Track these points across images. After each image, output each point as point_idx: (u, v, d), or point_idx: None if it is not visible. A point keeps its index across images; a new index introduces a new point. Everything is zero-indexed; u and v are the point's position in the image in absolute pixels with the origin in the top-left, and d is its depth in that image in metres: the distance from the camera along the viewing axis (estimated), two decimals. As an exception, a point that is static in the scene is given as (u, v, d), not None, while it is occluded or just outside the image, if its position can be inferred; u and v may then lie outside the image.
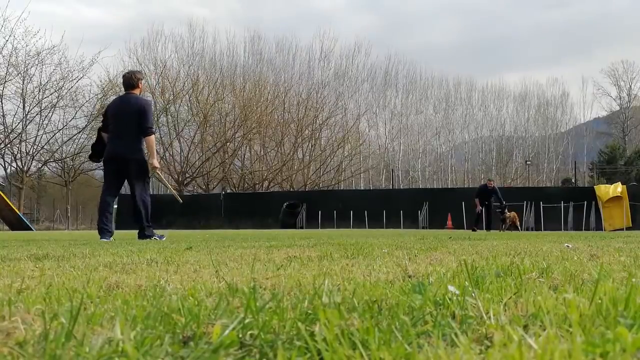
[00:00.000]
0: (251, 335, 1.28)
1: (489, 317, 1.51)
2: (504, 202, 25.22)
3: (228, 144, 55.61)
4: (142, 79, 10.58)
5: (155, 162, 10.57)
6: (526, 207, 35.38)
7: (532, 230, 32.42)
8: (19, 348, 1.19)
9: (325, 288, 1.66)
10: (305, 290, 2.09)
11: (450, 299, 1.71)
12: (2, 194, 39.78)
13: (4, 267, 3.43)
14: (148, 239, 9.90)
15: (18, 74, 49.33)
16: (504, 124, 72.09)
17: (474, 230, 23.24)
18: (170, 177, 53.92)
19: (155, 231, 10.65)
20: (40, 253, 5.07)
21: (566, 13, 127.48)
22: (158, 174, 11.16)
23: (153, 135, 10.40)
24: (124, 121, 10.21)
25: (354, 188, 60.48)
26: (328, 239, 9.43)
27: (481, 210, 24.93)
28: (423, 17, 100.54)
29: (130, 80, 10.34)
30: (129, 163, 10.26)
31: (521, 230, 27.96)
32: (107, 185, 10.67)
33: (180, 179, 52.61)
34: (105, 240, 9.48)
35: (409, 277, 2.59)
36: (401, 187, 60.16)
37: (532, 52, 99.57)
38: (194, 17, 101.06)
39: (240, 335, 1.27)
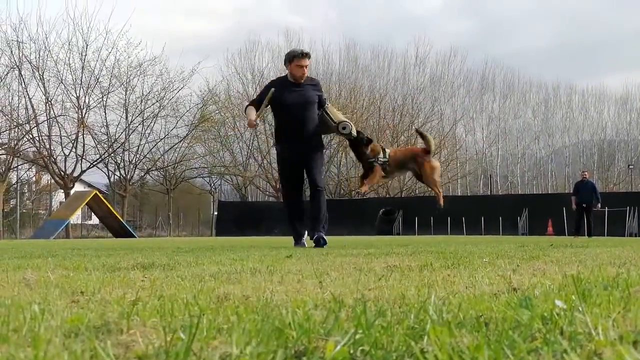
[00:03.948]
0: (362, 351, 1.30)
1: (598, 333, 1.50)
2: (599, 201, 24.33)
3: (324, 150, 55.81)
4: None
5: None
6: (629, 212, 34.39)
7: (635, 236, 31.47)
8: (141, 362, 1.25)
9: (432, 303, 1.67)
10: (409, 303, 2.11)
11: (557, 314, 1.70)
12: (106, 202, 41.08)
13: (114, 278, 3.55)
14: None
15: (121, 85, 50.84)
16: (605, 127, 70.15)
17: (575, 236, 22.66)
18: (268, 185, 54.54)
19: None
20: (146, 262, 5.21)
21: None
22: None
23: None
24: None
25: (451, 194, 59.92)
26: (426, 246, 9.38)
27: (581, 215, 24.25)
28: (520, 20, 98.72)
29: None
30: None
31: (625, 235, 27.13)
32: None
33: (278, 187, 53.06)
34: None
35: (514, 290, 2.57)
36: (500, 193, 59.24)
37: (633, 53, 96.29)
38: (290, 25, 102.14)
39: (352, 351, 1.30)
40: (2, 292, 2.79)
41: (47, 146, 48.21)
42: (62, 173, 48.34)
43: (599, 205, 24.36)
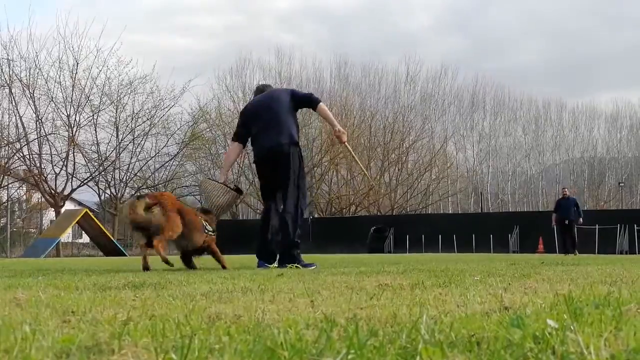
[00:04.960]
0: (354, 371, 1.30)
1: (590, 353, 1.50)
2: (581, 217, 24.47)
3: (315, 168, 55.88)
4: None
5: None
6: (620, 230, 34.51)
7: (626, 253, 31.55)
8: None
9: (424, 322, 1.67)
10: (401, 322, 2.11)
11: (549, 334, 1.70)
12: (96, 220, 40.96)
13: (105, 297, 3.53)
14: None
15: (111, 103, 50.78)
16: (595, 145, 70.44)
17: (565, 254, 22.69)
18: (259, 203, 54.47)
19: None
20: (137, 281, 5.19)
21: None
22: None
23: None
24: None
25: (442, 212, 59.97)
26: (417, 264, 9.38)
27: (564, 233, 24.42)
28: (511, 37, 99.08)
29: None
30: None
31: (616, 254, 27.25)
32: None
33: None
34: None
35: (506, 309, 2.57)
36: (490, 211, 59.37)
37: (623, 71, 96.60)
38: (282, 43, 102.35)
39: (344, 372, 1.30)
40: (-7, 312, 2.78)
41: (38, 164, 48.17)
42: (53, 191, 48.24)
43: (581, 220, 24.46)
